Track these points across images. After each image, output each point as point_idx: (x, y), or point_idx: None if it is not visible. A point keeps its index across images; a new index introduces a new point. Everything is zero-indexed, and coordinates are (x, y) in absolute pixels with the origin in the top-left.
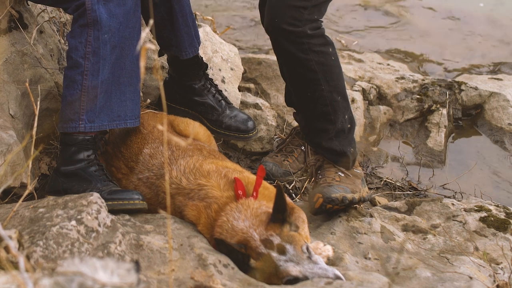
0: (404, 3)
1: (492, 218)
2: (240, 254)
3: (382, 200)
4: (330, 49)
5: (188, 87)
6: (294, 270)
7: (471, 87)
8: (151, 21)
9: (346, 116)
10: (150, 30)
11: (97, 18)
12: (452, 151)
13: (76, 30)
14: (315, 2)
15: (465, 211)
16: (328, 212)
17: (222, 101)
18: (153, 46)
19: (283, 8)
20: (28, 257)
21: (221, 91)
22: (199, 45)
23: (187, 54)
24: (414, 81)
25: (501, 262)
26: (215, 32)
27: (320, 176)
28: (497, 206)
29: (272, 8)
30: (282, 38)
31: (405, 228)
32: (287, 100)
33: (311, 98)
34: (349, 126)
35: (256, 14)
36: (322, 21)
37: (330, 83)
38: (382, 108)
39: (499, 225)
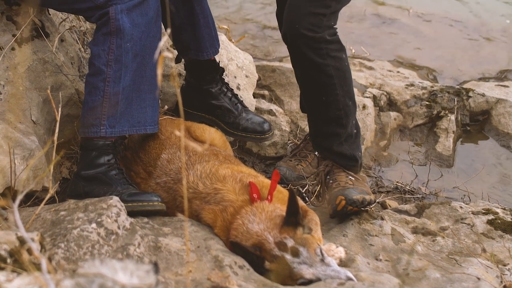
0: (424, 16)
1: (499, 221)
2: (255, 257)
3: (392, 203)
4: (344, 55)
5: (205, 91)
6: (307, 272)
7: (478, 94)
8: (169, 30)
9: (354, 121)
10: (168, 36)
11: (120, 27)
12: (460, 156)
13: (99, 38)
14: (333, 10)
15: (473, 214)
16: (345, 215)
17: (238, 104)
18: (170, 54)
19: (303, 14)
20: (50, 259)
21: (237, 95)
22: (219, 47)
23: (208, 55)
24: (423, 88)
25: (508, 264)
26: (230, 40)
27: (331, 181)
28: (504, 209)
29: (291, 15)
30: (301, 43)
31: (415, 231)
32: (302, 106)
33: (325, 102)
34: (355, 131)
35: (271, 23)
36: (336, 28)
37: (344, 88)
38: (392, 114)
39: (506, 228)
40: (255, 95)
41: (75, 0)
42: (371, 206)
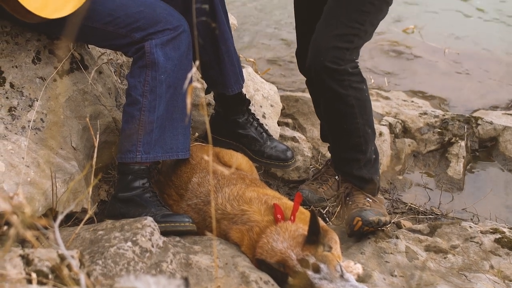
0: (459, 55)
1: (506, 239)
2: (279, 273)
3: (406, 223)
4: (364, 86)
5: (233, 121)
6: (328, 287)
7: (486, 122)
8: (197, 62)
9: (373, 148)
10: (197, 69)
11: (155, 60)
12: (470, 179)
13: (135, 70)
14: (356, 45)
15: (481, 233)
16: (362, 234)
17: (263, 133)
18: (200, 85)
19: (328, 48)
20: (88, 275)
21: (262, 124)
22: (243, 82)
23: (233, 91)
24: (436, 116)
25: None
26: (256, 72)
27: (350, 202)
28: (510, 228)
29: (317, 49)
30: (325, 75)
31: (427, 248)
32: (323, 136)
33: (347, 130)
34: (374, 157)
35: (294, 58)
36: (358, 62)
37: (364, 117)
38: (407, 140)
39: None
40: (279, 123)
41: (114, 37)
42: (386, 227)
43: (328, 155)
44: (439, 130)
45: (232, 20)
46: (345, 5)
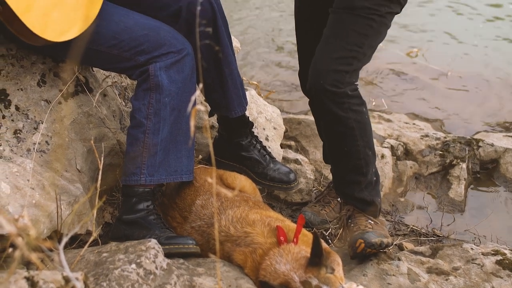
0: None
1: (507, 261)
2: None
3: (408, 245)
4: (364, 108)
5: (236, 143)
6: None
7: (487, 144)
8: (201, 85)
9: (373, 170)
10: (201, 91)
11: (159, 83)
12: (471, 201)
13: (139, 93)
14: (355, 67)
15: (483, 254)
16: (365, 256)
17: (266, 156)
18: (203, 108)
19: (327, 71)
20: None
21: (265, 147)
22: (246, 105)
23: (236, 113)
24: (437, 138)
25: None
26: (259, 95)
27: (352, 224)
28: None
29: (317, 71)
30: (325, 98)
31: (429, 270)
32: (325, 157)
33: (347, 152)
34: (375, 179)
35: (296, 81)
36: (357, 84)
37: (364, 139)
38: (409, 163)
39: None
40: (282, 146)
41: (119, 60)
42: (388, 248)
43: (331, 177)
44: (440, 152)
45: (236, 43)
46: (344, 28)
